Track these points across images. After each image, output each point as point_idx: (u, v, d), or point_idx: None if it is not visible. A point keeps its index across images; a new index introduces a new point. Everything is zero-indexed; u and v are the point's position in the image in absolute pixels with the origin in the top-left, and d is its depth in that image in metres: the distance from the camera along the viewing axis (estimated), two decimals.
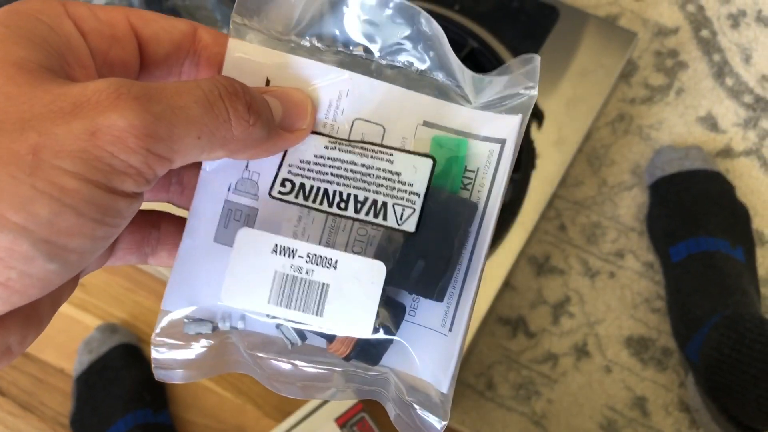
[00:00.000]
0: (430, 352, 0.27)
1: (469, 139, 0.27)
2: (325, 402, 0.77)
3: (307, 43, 0.28)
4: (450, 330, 0.27)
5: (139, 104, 0.20)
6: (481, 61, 0.86)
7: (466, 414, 0.81)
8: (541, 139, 0.81)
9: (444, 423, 0.26)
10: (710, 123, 0.90)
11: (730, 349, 0.70)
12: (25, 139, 0.19)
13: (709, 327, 0.73)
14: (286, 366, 0.27)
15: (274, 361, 0.27)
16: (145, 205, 0.26)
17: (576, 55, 0.85)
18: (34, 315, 0.23)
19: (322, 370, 0.27)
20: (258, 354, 0.27)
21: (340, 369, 0.27)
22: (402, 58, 0.28)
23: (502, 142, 0.27)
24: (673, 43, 0.94)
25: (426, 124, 0.27)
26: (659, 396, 0.81)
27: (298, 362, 0.27)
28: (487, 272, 0.90)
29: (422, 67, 0.28)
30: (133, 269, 0.91)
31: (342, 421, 0.76)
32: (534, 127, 0.82)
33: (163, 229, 0.28)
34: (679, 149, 0.86)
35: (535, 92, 0.27)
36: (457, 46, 0.87)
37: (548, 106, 0.83)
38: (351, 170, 0.27)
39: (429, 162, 0.27)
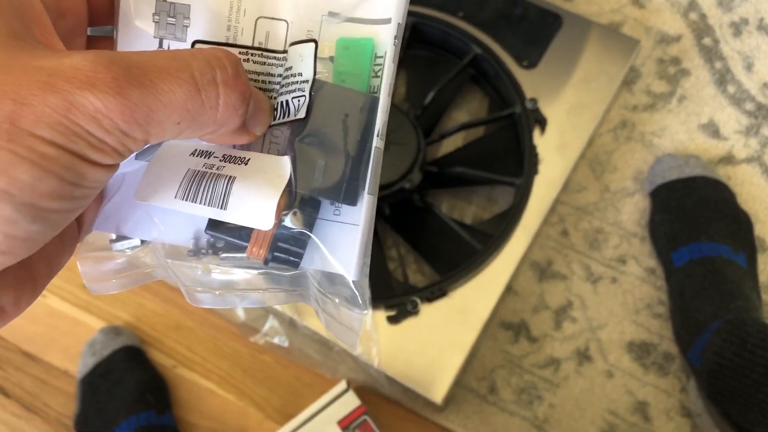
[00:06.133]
0: (345, 245, 0.26)
1: (377, 26, 0.26)
2: (327, 405, 0.78)
3: None
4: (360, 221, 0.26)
5: (117, 85, 0.20)
6: (484, 67, 0.87)
7: (468, 418, 0.81)
8: (543, 144, 0.82)
9: (365, 312, 0.26)
10: (712, 130, 0.91)
11: (732, 354, 0.70)
12: (0, 107, 0.19)
13: (711, 332, 0.73)
14: (202, 273, 0.27)
15: (192, 269, 0.27)
16: None
17: (579, 62, 0.86)
18: (28, 277, 0.23)
19: (241, 275, 0.27)
20: (174, 262, 0.27)
21: (260, 271, 0.27)
22: None
23: (396, 23, 0.26)
24: (675, 50, 0.94)
25: (331, 14, 0.27)
26: (661, 401, 0.81)
27: (215, 268, 0.27)
28: (489, 277, 0.90)
29: None
30: None
31: (345, 423, 0.77)
32: (537, 132, 0.82)
33: None
34: (679, 157, 0.86)
35: None
36: (460, 52, 0.88)
37: (551, 113, 0.83)
38: (253, 80, 0.27)
39: (311, 46, 0.27)
